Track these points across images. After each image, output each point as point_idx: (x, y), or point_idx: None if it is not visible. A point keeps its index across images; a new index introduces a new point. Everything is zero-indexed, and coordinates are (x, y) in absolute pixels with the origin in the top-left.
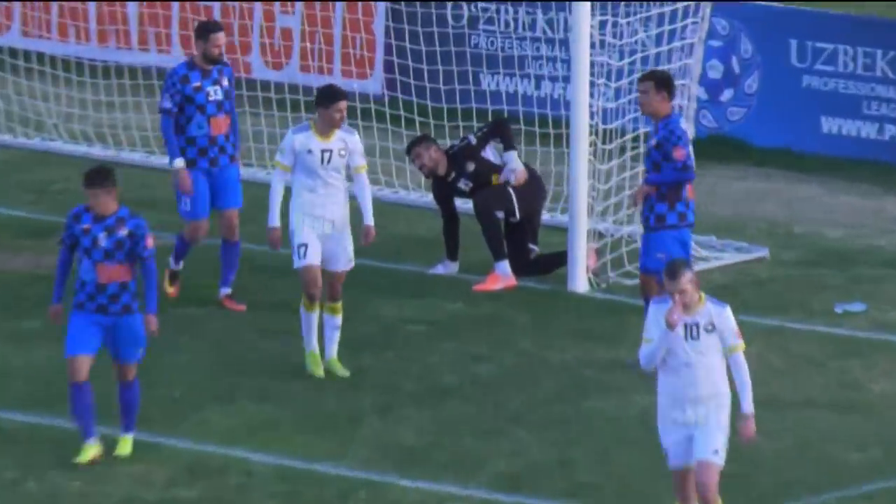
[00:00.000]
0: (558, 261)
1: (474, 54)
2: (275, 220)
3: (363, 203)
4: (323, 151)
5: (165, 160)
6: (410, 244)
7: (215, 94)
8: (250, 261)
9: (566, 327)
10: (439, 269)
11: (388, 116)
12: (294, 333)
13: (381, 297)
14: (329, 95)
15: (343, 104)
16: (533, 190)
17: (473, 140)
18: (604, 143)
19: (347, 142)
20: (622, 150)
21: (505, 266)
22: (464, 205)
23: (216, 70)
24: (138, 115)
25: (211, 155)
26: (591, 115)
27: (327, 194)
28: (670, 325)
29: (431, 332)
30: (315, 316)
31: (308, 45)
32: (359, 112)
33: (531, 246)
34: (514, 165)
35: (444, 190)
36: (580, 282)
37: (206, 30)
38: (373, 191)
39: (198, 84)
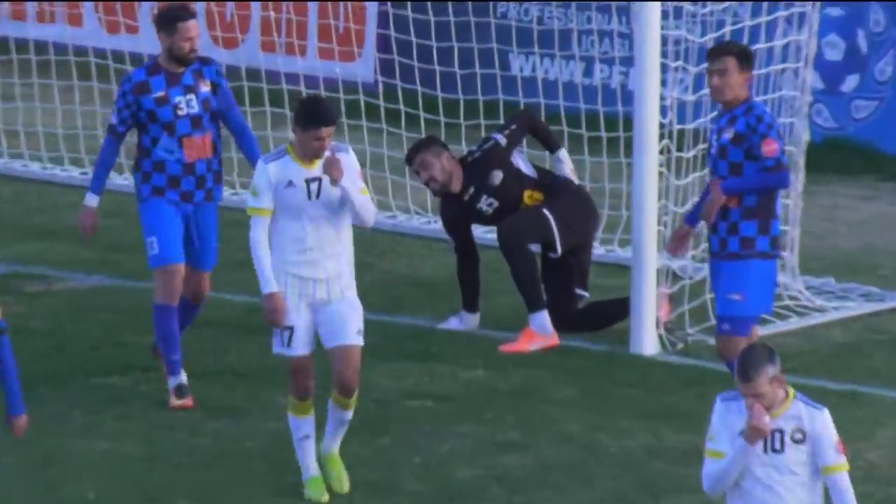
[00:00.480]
0: (616, 312)
1: (501, 28)
2: (271, 284)
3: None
4: (309, 182)
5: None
6: (413, 289)
7: (188, 106)
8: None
9: (628, 403)
10: (453, 324)
11: (382, 112)
12: (241, 413)
13: (374, 361)
14: (307, 116)
15: (325, 132)
16: (581, 214)
17: (502, 140)
18: (680, 149)
19: (341, 161)
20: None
21: (542, 319)
22: (486, 234)
23: (190, 73)
24: (46, 106)
25: (184, 188)
26: (663, 112)
27: (320, 243)
28: (754, 436)
29: (442, 411)
30: (310, 422)
31: (272, 14)
32: (343, 106)
33: (579, 291)
34: (572, 166)
35: (458, 213)
36: (647, 341)
37: (171, 19)
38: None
39: (161, 94)
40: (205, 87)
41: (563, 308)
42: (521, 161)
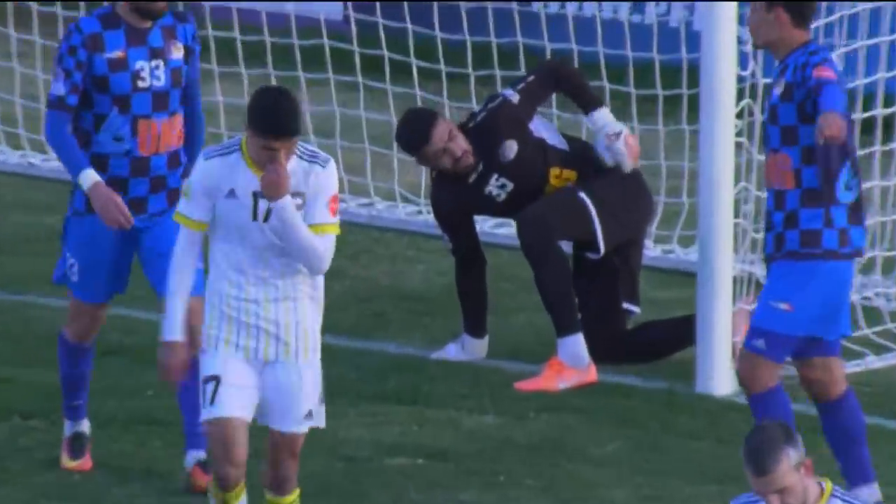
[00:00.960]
0: (677, 337)
1: None
2: (174, 329)
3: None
4: (258, 196)
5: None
6: (397, 304)
7: (153, 76)
8: None
9: (692, 462)
10: (452, 353)
11: (357, 61)
12: (159, 475)
13: (344, 404)
14: (258, 118)
15: (279, 144)
16: (630, 201)
17: (514, 97)
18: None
19: (310, 178)
20: None
21: (576, 345)
22: (495, 229)
23: (159, 31)
24: None
25: (133, 193)
26: (742, 63)
27: (267, 282)
28: None
29: (437, 472)
30: None
31: None
32: (297, 56)
33: (626, 306)
34: (615, 127)
35: (458, 200)
36: (718, 376)
37: None
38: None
39: (119, 54)
40: (177, 53)
41: (605, 330)
42: (545, 128)
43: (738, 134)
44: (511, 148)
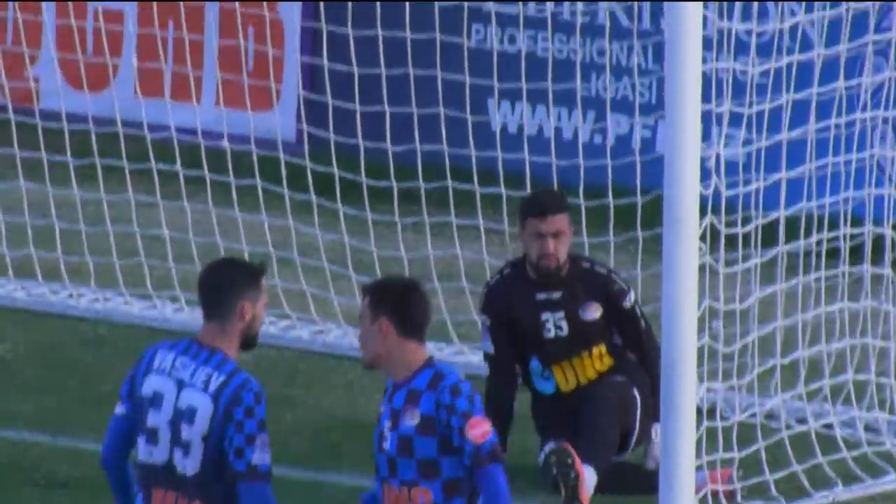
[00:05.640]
0: (638, 480)
1: (477, 55)
2: None
3: None
4: None
5: None
6: (350, 435)
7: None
8: None
9: None
10: None
11: (310, 180)
12: None
13: None
14: None
15: None
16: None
17: (629, 299)
18: (728, 224)
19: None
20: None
21: (592, 481)
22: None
23: None
24: None
25: None
26: (704, 174)
27: None
28: None
29: None
30: None
31: (158, 33)
32: (257, 173)
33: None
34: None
35: (513, 304)
36: None
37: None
38: (289, 328)
39: None
40: None
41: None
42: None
43: (703, 254)
44: (594, 311)
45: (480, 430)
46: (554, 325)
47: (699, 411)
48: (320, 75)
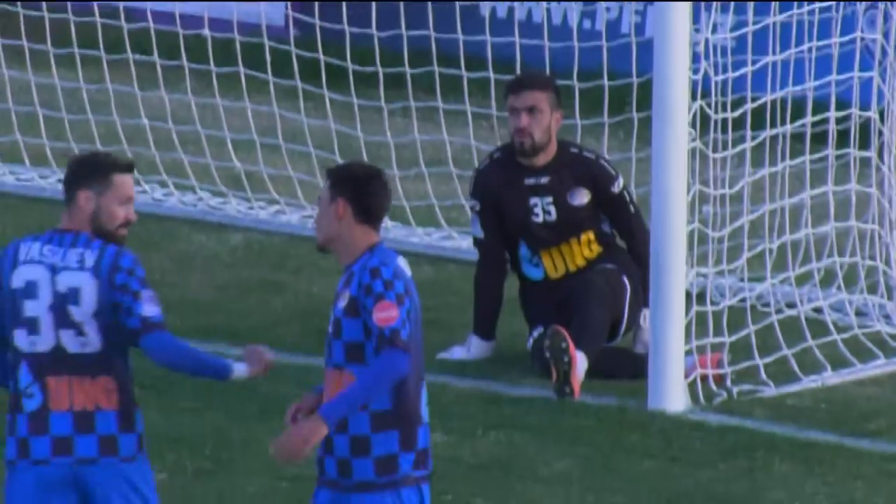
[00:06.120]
0: (626, 363)
1: None
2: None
3: None
4: None
5: None
6: None
7: None
8: None
9: (644, 481)
10: (455, 354)
11: (295, 66)
12: None
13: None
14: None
15: None
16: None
17: (618, 184)
18: (718, 111)
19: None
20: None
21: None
22: (442, 242)
23: None
24: None
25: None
26: (695, 58)
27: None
28: None
29: None
30: None
31: None
32: (239, 60)
33: None
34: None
35: (502, 189)
36: (673, 393)
37: None
38: (278, 213)
39: None
40: None
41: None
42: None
43: (692, 139)
44: (582, 196)
45: (386, 314)
46: (542, 209)
47: (689, 296)
48: None
